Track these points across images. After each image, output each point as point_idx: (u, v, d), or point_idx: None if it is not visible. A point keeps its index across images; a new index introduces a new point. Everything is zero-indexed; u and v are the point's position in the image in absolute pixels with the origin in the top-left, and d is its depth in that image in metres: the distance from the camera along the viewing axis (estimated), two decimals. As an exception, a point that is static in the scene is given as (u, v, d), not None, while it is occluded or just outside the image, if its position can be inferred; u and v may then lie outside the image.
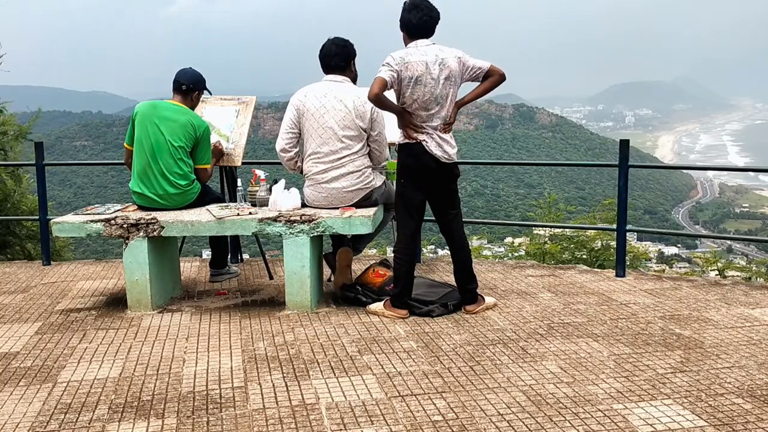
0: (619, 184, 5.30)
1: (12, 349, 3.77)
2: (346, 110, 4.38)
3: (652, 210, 53.31)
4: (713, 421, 2.77)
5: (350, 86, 4.49)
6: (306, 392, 3.11)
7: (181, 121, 4.62)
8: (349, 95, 4.41)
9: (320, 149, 4.43)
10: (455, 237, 4.30)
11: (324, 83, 4.50)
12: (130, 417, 2.90)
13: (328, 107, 4.39)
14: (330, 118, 4.39)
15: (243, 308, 4.51)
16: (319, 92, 4.45)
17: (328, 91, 4.43)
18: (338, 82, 4.47)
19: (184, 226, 4.42)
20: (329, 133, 4.40)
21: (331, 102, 4.40)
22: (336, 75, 4.49)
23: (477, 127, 67.91)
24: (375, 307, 4.31)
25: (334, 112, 4.38)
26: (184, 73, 4.79)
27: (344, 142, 4.40)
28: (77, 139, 54.15)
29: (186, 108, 4.73)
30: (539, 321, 4.13)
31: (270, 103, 58.95)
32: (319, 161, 4.45)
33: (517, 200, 48.91)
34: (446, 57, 4.05)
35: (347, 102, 4.38)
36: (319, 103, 4.41)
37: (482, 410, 2.89)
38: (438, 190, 4.21)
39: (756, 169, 9.66)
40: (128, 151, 4.77)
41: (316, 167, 4.47)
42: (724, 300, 4.58)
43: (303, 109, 4.46)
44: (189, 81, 4.76)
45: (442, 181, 4.19)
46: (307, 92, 4.48)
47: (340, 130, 4.38)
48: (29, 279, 5.47)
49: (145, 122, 4.63)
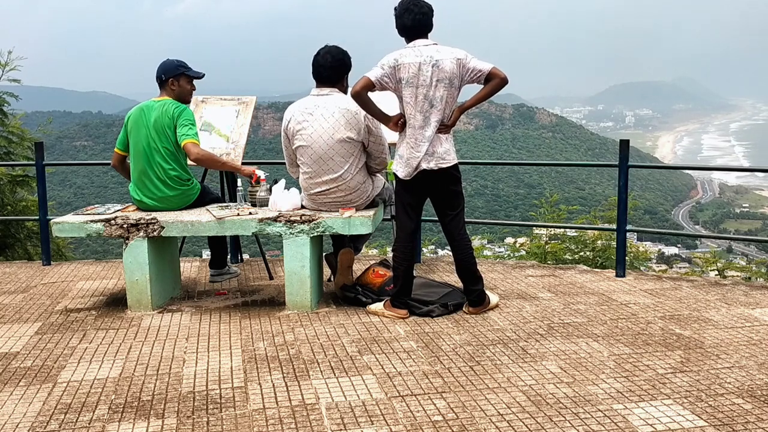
0: (619, 184, 5.30)
1: (12, 349, 3.77)
2: (336, 126, 4.25)
3: (652, 210, 53.30)
4: (713, 421, 2.77)
5: (339, 97, 4.34)
6: (306, 392, 3.11)
7: (158, 115, 4.57)
8: (337, 108, 4.27)
9: (314, 173, 4.35)
10: (455, 237, 4.26)
11: (311, 98, 4.37)
12: (130, 417, 2.90)
13: (315, 126, 4.27)
14: (318, 138, 4.27)
15: (243, 308, 4.51)
16: (306, 111, 4.32)
17: (315, 109, 4.31)
18: (325, 95, 4.34)
19: (184, 226, 4.42)
20: (318, 153, 4.29)
21: (318, 120, 4.28)
22: (324, 88, 4.37)
23: (477, 127, 67.94)
24: (375, 308, 4.31)
25: (323, 130, 4.26)
26: (160, 66, 4.74)
27: (336, 161, 4.29)
28: (77, 139, 54.16)
29: (165, 99, 4.67)
30: (539, 321, 4.13)
31: (270, 103, 58.97)
32: (313, 182, 4.38)
33: (517, 200, 48.93)
34: (442, 58, 3.98)
35: (337, 117, 4.25)
36: (307, 124, 4.29)
37: (482, 410, 2.89)
38: (437, 192, 4.20)
39: (756, 169, 9.66)
40: (116, 155, 4.79)
41: (312, 189, 4.41)
42: (724, 300, 4.58)
43: (292, 132, 4.38)
44: (160, 72, 4.70)
45: (440, 185, 4.16)
46: (294, 113, 4.37)
47: (330, 149, 4.27)
48: (29, 279, 5.48)
49: (136, 128, 4.62)
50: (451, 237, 4.27)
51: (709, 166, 34.66)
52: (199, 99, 5.55)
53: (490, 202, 48.75)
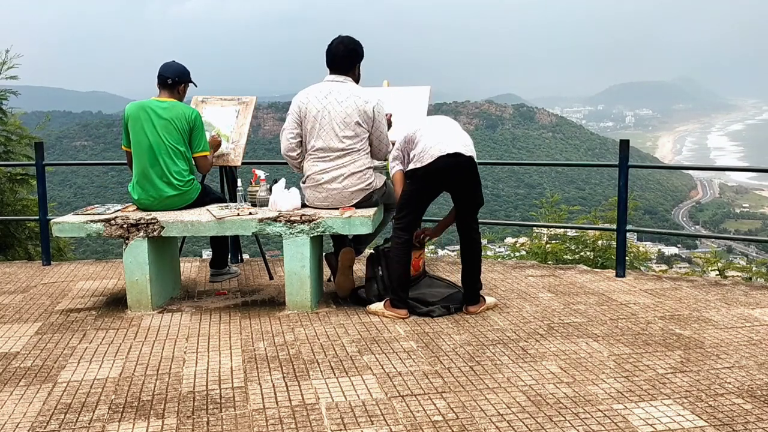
0: (619, 184, 5.30)
1: (12, 349, 3.77)
2: (348, 110, 4.39)
3: (652, 210, 53.29)
4: (713, 421, 2.77)
5: (352, 86, 4.50)
6: (306, 392, 3.11)
7: (172, 116, 4.60)
8: (350, 95, 4.42)
9: (321, 148, 4.44)
10: (465, 238, 4.35)
11: (326, 84, 4.51)
12: (130, 417, 2.90)
13: (329, 108, 4.41)
14: (331, 119, 4.40)
15: (243, 308, 4.51)
16: (321, 93, 4.46)
17: (329, 93, 4.45)
18: (339, 82, 4.49)
19: (184, 226, 4.42)
20: (331, 134, 4.41)
21: (332, 103, 4.41)
22: (338, 75, 4.51)
23: (477, 127, 67.92)
24: (375, 307, 4.31)
25: (335, 113, 4.40)
26: (168, 67, 4.75)
27: (345, 142, 4.41)
28: (77, 139, 54.15)
29: (174, 101, 4.71)
30: (539, 321, 4.13)
31: (270, 103, 58.97)
32: (320, 160, 4.46)
33: (517, 200, 48.95)
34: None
35: (349, 102, 4.40)
36: (320, 104, 4.43)
37: (482, 410, 2.89)
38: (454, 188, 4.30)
39: (756, 169, 9.64)
40: (129, 154, 4.77)
41: (316, 166, 4.47)
42: (724, 300, 4.58)
43: (305, 111, 4.47)
44: (174, 74, 4.72)
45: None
46: (309, 93, 4.50)
47: (341, 131, 4.40)
48: (29, 279, 5.47)
49: (139, 124, 4.61)
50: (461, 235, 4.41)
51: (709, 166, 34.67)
52: (200, 99, 5.55)
53: (490, 202, 48.75)
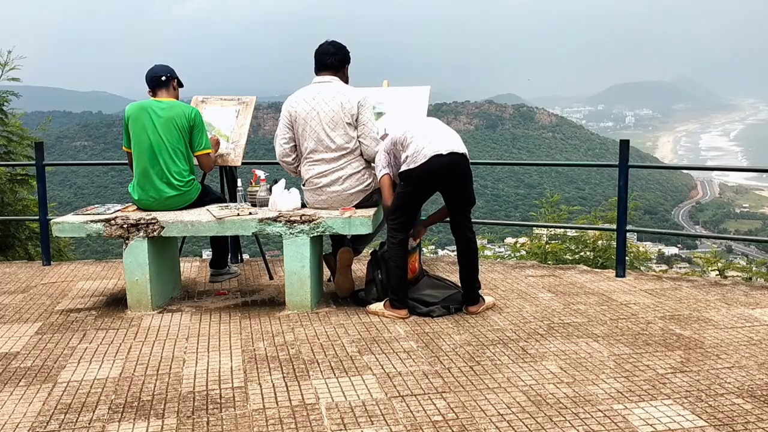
0: (619, 184, 5.30)
1: (12, 349, 3.77)
2: (335, 108, 4.39)
3: (652, 210, 53.29)
4: (713, 421, 2.77)
5: (339, 85, 4.49)
6: (306, 392, 3.11)
7: (172, 115, 4.61)
8: (337, 95, 4.41)
9: (315, 150, 4.43)
10: (460, 237, 4.32)
11: (313, 86, 4.51)
12: (130, 417, 2.90)
13: (317, 109, 4.41)
14: (320, 120, 4.39)
15: (243, 308, 4.51)
16: (309, 95, 4.46)
17: (317, 93, 4.45)
18: (327, 82, 4.48)
19: (184, 226, 4.42)
20: (322, 134, 4.40)
21: (320, 104, 4.41)
22: (326, 75, 4.50)
23: (477, 127, 67.89)
24: (375, 307, 4.31)
25: (324, 113, 4.39)
26: (157, 68, 4.77)
27: (337, 142, 4.40)
28: (77, 139, 54.16)
29: (173, 101, 4.72)
30: (539, 321, 4.13)
31: (270, 103, 58.93)
32: (316, 163, 4.45)
33: (517, 200, 48.93)
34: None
35: (335, 102, 4.39)
36: (308, 106, 4.42)
37: (482, 410, 2.89)
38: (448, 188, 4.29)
39: (756, 169, 9.64)
40: (130, 154, 4.76)
41: (312, 170, 4.46)
42: (724, 300, 4.58)
43: (294, 114, 4.47)
44: (165, 71, 4.74)
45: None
46: (297, 97, 4.50)
47: (331, 131, 4.39)
48: (29, 279, 5.47)
49: (140, 124, 4.61)
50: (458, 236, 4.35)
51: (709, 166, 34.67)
52: (200, 99, 5.55)
53: (490, 202, 48.74)
